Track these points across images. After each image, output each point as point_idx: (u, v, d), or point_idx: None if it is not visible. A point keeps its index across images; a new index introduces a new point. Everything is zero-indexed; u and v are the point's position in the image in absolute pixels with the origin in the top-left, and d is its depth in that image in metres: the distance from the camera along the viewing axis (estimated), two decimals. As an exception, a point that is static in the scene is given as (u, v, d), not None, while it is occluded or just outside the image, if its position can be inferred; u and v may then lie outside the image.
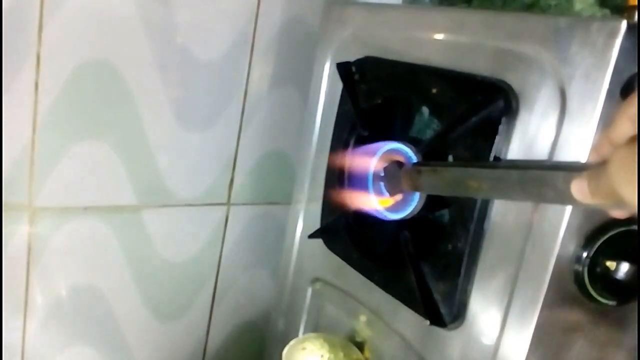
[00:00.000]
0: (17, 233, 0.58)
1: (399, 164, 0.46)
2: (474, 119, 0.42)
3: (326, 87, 0.61)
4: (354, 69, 0.55)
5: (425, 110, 0.58)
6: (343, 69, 0.55)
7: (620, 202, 0.26)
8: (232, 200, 0.70)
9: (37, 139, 0.56)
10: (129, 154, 0.61)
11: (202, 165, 0.66)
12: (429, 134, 0.58)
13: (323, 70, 0.61)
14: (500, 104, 0.41)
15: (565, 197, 0.29)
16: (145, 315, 0.68)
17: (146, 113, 0.61)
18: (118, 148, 0.60)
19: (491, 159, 0.41)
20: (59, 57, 0.55)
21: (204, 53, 0.62)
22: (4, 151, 0.55)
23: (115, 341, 0.67)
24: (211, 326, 0.73)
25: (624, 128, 0.28)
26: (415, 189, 0.44)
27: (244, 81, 0.66)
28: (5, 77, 0.53)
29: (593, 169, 0.28)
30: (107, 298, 0.65)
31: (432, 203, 0.48)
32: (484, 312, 0.43)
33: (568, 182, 0.29)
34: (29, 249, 0.59)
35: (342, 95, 0.57)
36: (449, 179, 0.40)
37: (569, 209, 0.37)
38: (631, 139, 0.27)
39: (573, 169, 0.30)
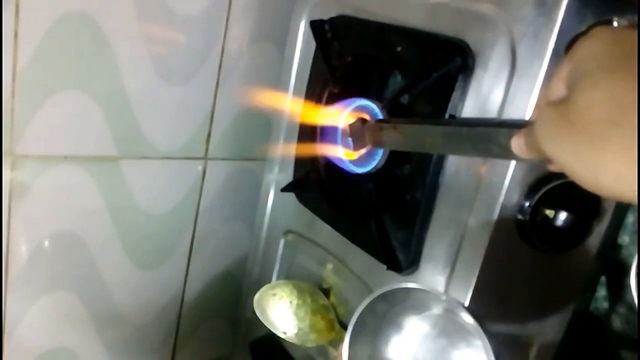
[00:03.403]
0: (-1, 179, 0.60)
1: (364, 121, 0.48)
2: (433, 76, 0.44)
3: (301, 44, 0.62)
4: (327, 27, 0.56)
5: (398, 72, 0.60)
6: (316, 26, 0.57)
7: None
8: (209, 155, 0.71)
9: (18, 87, 0.57)
10: (108, 105, 0.62)
11: (181, 119, 0.68)
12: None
13: (299, 27, 0.62)
14: (458, 61, 0.43)
15: (507, 153, 0.31)
16: (125, 263, 0.71)
17: (126, 65, 0.62)
18: (98, 99, 0.62)
19: (447, 116, 0.43)
20: (39, 7, 0.56)
21: (183, 7, 0.63)
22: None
23: (95, 287, 0.70)
24: (189, 275, 0.76)
25: (557, 89, 0.28)
26: (378, 144, 0.46)
27: (222, 37, 0.67)
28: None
29: (529, 126, 0.29)
30: (88, 245, 0.67)
31: (396, 158, 0.50)
32: (436, 259, 0.46)
33: (509, 139, 0.31)
34: (10, 195, 0.61)
35: (315, 53, 0.58)
36: (407, 135, 0.42)
37: (513, 162, 0.40)
38: (560, 100, 0.28)
39: (515, 126, 0.31)
